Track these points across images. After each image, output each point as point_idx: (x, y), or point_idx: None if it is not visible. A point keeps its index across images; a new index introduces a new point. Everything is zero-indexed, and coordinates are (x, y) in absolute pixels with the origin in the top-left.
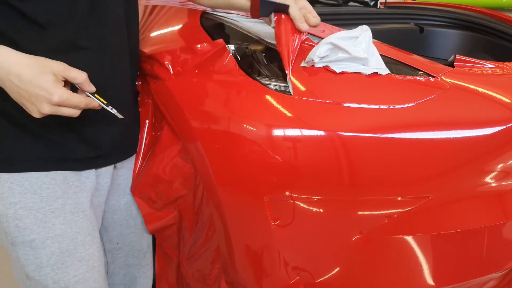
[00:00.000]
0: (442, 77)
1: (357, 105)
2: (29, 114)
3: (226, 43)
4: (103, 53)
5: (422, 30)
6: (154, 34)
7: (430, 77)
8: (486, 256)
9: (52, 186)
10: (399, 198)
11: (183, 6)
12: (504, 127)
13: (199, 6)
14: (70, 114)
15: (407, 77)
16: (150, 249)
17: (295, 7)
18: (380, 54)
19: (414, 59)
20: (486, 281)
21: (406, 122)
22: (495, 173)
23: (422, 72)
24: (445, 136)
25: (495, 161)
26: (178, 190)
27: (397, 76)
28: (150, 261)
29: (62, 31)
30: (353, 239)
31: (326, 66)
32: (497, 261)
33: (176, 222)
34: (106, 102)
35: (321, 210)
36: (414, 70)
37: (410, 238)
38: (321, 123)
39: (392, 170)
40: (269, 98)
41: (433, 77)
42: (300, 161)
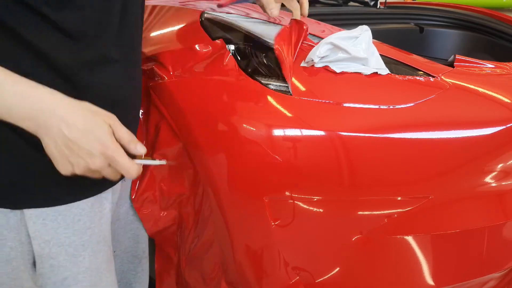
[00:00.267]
0: (442, 77)
1: (357, 105)
2: None
3: (226, 43)
4: (129, 64)
5: (422, 30)
6: (154, 34)
7: (430, 77)
8: (486, 256)
9: (82, 217)
10: (399, 198)
11: (183, 6)
12: (504, 127)
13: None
14: (112, 176)
15: (407, 77)
16: (146, 254)
17: None
18: (380, 54)
19: (414, 59)
20: (486, 281)
21: (406, 122)
22: (495, 173)
23: (422, 72)
24: (445, 136)
25: (495, 161)
26: (178, 188)
27: (397, 76)
28: (146, 266)
29: (96, 43)
30: (353, 239)
31: (326, 66)
32: (497, 261)
33: (176, 222)
34: (153, 159)
35: (321, 210)
36: (414, 70)
37: (410, 238)
38: (321, 123)
39: (392, 170)
40: (269, 98)
41: (433, 77)
42: (300, 161)
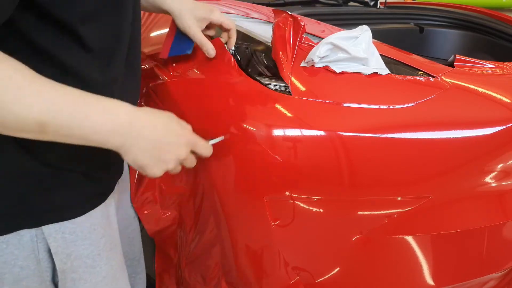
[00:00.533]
0: (442, 77)
1: (357, 105)
2: (70, 155)
3: (226, 43)
4: (135, 76)
5: (422, 30)
6: (154, 34)
7: (430, 77)
8: (486, 256)
9: (97, 226)
10: (399, 198)
11: None
12: (504, 127)
13: None
14: (191, 163)
15: (407, 77)
16: (142, 254)
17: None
18: (380, 54)
19: (414, 59)
20: (486, 281)
21: (406, 122)
22: (495, 173)
23: (422, 72)
24: (445, 136)
25: (495, 161)
26: (178, 188)
27: (397, 76)
28: (143, 266)
29: (119, 58)
30: (353, 239)
31: (326, 66)
32: (497, 261)
33: (176, 222)
34: (215, 138)
35: (321, 210)
36: (414, 70)
37: (410, 238)
38: (321, 123)
39: (392, 170)
40: (269, 98)
41: (433, 77)
42: (300, 161)
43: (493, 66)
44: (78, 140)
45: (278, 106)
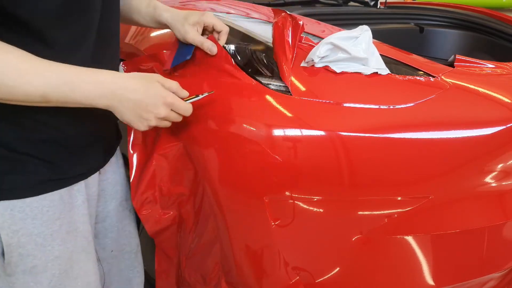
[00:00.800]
0: (442, 77)
1: (357, 105)
2: (25, 139)
3: (226, 43)
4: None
5: (422, 30)
6: (154, 34)
7: (430, 77)
8: (486, 256)
9: (51, 208)
10: (399, 198)
11: (183, 6)
12: (504, 127)
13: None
14: (176, 119)
15: (407, 77)
16: (139, 247)
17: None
18: (380, 54)
19: (414, 59)
20: (486, 281)
21: (406, 122)
22: (495, 173)
23: (422, 72)
24: (445, 136)
25: (495, 161)
26: (178, 188)
27: (397, 76)
28: (141, 259)
29: (82, 54)
30: (353, 239)
31: (326, 66)
32: (497, 261)
33: (176, 222)
34: (200, 94)
35: (321, 210)
36: (414, 70)
37: (410, 238)
38: (321, 123)
39: (392, 170)
40: (269, 98)
41: (433, 77)
42: (300, 161)
43: (493, 66)
44: (74, 104)
45: (278, 106)
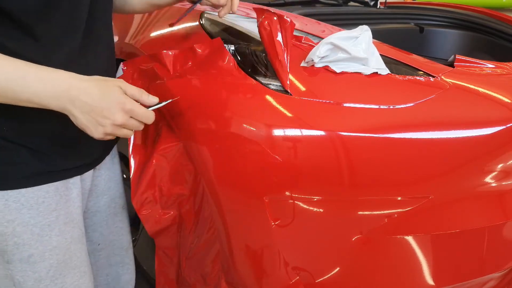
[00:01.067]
0: (442, 77)
1: (357, 105)
2: (19, 130)
3: (226, 43)
4: (95, 65)
5: (422, 30)
6: (154, 34)
7: (430, 77)
8: (486, 256)
9: (47, 199)
10: (399, 198)
11: (183, 6)
12: (504, 127)
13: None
14: (137, 127)
15: (407, 77)
16: (131, 244)
17: None
18: (380, 54)
19: (414, 59)
20: (486, 281)
21: (406, 122)
22: (495, 173)
23: (422, 72)
24: (445, 136)
25: (495, 161)
26: (178, 188)
27: (397, 76)
28: (132, 256)
29: (66, 49)
30: (353, 239)
31: (326, 66)
32: (497, 261)
33: (176, 222)
34: (161, 102)
35: (321, 210)
36: (414, 70)
37: (410, 238)
38: (321, 123)
39: (392, 170)
40: (269, 98)
41: (433, 77)
42: (300, 161)
43: (493, 66)
44: (25, 103)
45: (278, 106)
